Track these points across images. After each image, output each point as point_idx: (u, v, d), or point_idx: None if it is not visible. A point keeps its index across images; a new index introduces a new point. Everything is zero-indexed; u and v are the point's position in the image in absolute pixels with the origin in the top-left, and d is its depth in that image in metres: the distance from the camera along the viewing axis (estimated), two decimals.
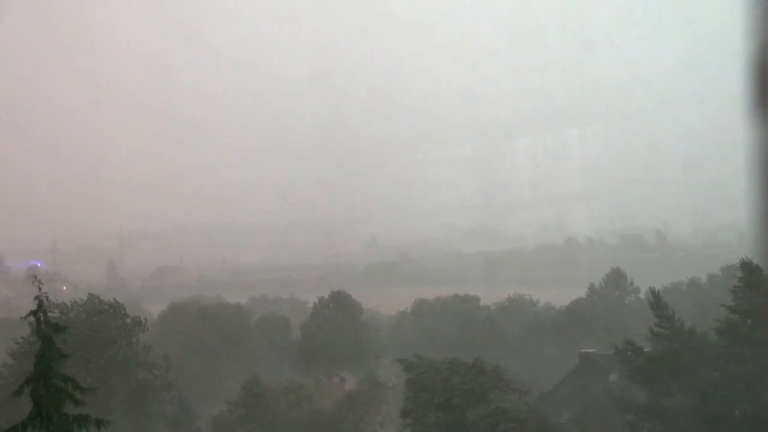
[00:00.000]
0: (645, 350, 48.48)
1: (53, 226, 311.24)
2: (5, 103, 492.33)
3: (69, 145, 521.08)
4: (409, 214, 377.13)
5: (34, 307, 18.60)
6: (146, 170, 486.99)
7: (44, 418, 11.74)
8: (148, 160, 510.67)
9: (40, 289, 19.48)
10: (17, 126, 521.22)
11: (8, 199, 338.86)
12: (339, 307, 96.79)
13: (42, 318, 16.61)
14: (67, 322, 50.33)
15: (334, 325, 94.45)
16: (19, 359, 47.66)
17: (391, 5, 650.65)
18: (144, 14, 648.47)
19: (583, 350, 64.73)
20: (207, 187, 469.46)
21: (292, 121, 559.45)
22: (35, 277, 19.90)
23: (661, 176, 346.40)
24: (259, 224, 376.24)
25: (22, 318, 21.12)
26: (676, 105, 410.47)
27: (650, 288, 54.36)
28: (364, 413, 51.93)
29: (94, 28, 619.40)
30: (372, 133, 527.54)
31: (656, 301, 50.26)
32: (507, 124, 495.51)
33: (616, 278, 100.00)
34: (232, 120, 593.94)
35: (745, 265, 47.47)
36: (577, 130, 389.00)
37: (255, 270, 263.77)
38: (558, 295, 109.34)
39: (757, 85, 16.96)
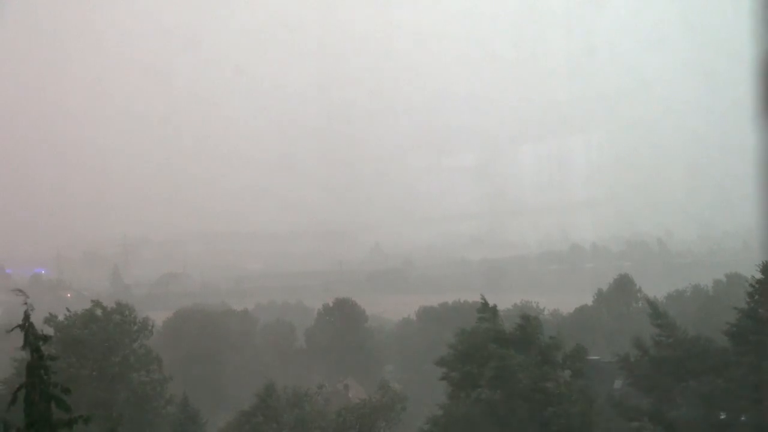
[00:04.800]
0: (648, 356, 48.35)
1: (57, 233, 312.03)
2: (10, 109, 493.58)
3: (73, 153, 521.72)
4: (413, 221, 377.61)
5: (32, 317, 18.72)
6: (150, 178, 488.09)
7: (38, 423, 11.89)
8: (152, 167, 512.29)
9: (26, 303, 19.79)
10: (21, 133, 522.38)
11: (13, 206, 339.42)
12: (343, 313, 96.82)
13: (29, 329, 16.82)
14: (75, 331, 50.46)
15: (339, 331, 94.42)
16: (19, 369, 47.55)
17: (395, 12, 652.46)
18: (148, 22, 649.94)
19: (586, 357, 64.38)
20: (211, 194, 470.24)
21: (296, 128, 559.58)
22: (20, 291, 20.14)
23: (665, 182, 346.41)
24: (262, 232, 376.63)
25: (7, 331, 20.90)
26: (681, 111, 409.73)
27: (646, 297, 54.33)
28: (372, 423, 51.15)
29: (98, 35, 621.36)
30: (376, 140, 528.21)
31: (654, 311, 50.20)
32: (511, 130, 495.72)
33: (624, 284, 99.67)
34: (236, 127, 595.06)
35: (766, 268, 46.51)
36: (581, 137, 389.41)
37: (259, 277, 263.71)
38: (563, 302, 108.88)
39: (763, 90, 16.88)
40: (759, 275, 47.10)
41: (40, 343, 16.80)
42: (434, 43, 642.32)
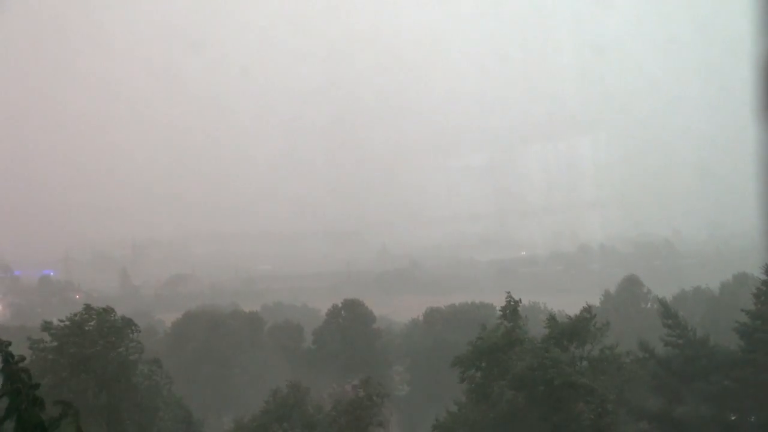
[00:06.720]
0: (654, 358, 48.20)
1: (66, 235, 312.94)
2: (18, 112, 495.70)
3: (80, 154, 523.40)
4: (421, 221, 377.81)
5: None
6: (158, 179, 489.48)
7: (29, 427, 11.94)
8: (160, 168, 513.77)
9: None
10: (29, 135, 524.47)
11: (21, 208, 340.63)
12: (351, 314, 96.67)
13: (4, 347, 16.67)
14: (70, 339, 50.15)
15: (347, 332, 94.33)
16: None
17: (402, 13, 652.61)
18: (155, 24, 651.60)
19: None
20: (218, 195, 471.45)
21: (303, 129, 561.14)
22: None
23: (674, 182, 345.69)
24: (270, 232, 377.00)
25: None
26: (689, 110, 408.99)
27: (657, 297, 54.30)
28: (352, 420, 50.32)
29: (106, 38, 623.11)
30: (383, 141, 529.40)
31: (665, 310, 50.08)
32: (518, 130, 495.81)
33: (631, 285, 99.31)
34: (243, 128, 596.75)
35: None
36: (589, 136, 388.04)
37: (267, 278, 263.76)
38: (571, 303, 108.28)
39: (764, 89, 16.77)
40: (764, 276, 47.31)
41: (6, 347, 16.62)
42: (442, 43, 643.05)
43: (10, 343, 12.99)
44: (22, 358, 12.95)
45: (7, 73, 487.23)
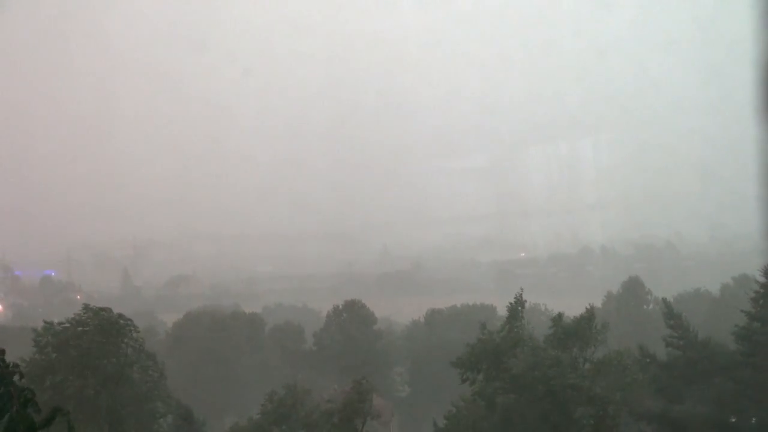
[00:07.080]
0: (659, 358, 48.20)
1: (67, 235, 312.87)
2: (18, 112, 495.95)
3: (82, 155, 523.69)
4: (422, 223, 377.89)
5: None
6: (159, 180, 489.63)
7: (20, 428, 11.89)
8: (161, 169, 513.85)
9: None
10: (31, 136, 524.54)
11: (22, 208, 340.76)
12: (353, 315, 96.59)
13: None
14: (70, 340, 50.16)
15: (348, 333, 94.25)
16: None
17: (404, 14, 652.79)
18: (156, 25, 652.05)
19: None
20: (220, 196, 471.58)
21: (305, 130, 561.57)
22: None
23: (675, 184, 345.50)
24: (271, 233, 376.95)
25: None
26: (690, 112, 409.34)
27: (662, 298, 54.29)
28: (344, 420, 50.14)
29: (107, 40, 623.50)
30: (384, 142, 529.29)
31: (669, 311, 50.10)
32: (520, 132, 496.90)
33: (633, 287, 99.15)
34: (245, 129, 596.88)
35: None
36: (591, 138, 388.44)
37: (268, 279, 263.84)
38: (572, 305, 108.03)
39: (767, 90, 16.80)
40: (762, 279, 47.46)
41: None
42: (444, 44, 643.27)
43: (3, 351, 13.03)
44: (16, 365, 12.99)
45: (7, 73, 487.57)
